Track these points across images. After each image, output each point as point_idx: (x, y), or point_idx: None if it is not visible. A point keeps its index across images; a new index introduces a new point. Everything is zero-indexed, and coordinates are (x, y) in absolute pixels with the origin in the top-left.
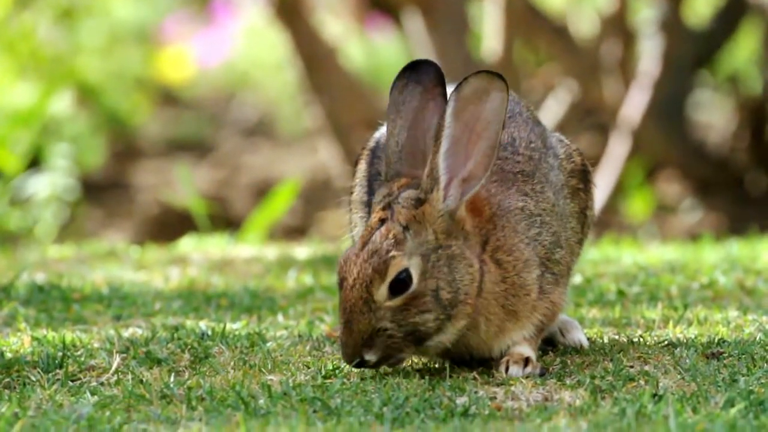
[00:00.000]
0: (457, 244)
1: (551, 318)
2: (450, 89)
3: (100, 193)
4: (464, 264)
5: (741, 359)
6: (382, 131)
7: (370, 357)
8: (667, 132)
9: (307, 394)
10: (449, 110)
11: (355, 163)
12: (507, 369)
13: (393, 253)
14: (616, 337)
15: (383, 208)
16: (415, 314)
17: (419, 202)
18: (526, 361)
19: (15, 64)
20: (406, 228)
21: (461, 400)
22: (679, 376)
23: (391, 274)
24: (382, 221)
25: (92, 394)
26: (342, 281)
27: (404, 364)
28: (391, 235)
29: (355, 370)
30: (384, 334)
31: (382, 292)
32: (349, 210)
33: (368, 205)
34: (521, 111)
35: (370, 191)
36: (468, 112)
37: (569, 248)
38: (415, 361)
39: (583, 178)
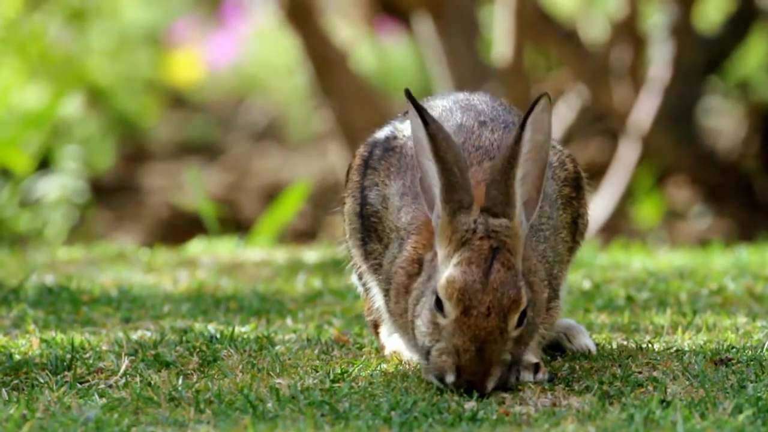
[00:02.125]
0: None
1: (551, 329)
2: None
3: (110, 195)
4: (534, 285)
5: (749, 366)
6: (375, 137)
7: (491, 385)
8: (677, 138)
9: (315, 397)
10: (526, 135)
11: (347, 173)
12: (518, 376)
13: (520, 283)
14: (625, 342)
15: (487, 237)
16: (522, 344)
17: (513, 231)
18: (536, 367)
19: (25, 65)
20: (515, 258)
21: (469, 405)
22: (687, 382)
23: (524, 303)
24: (494, 250)
25: (100, 396)
26: (469, 309)
27: (410, 368)
28: (511, 264)
29: (363, 374)
30: (503, 363)
31: (514, 321)
32: (343, 220)
33: (361, 216)
34: (514, 121)
35: (363, 202)
36: (536, 136)
37: (561, 260)
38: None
39: (576, 185)
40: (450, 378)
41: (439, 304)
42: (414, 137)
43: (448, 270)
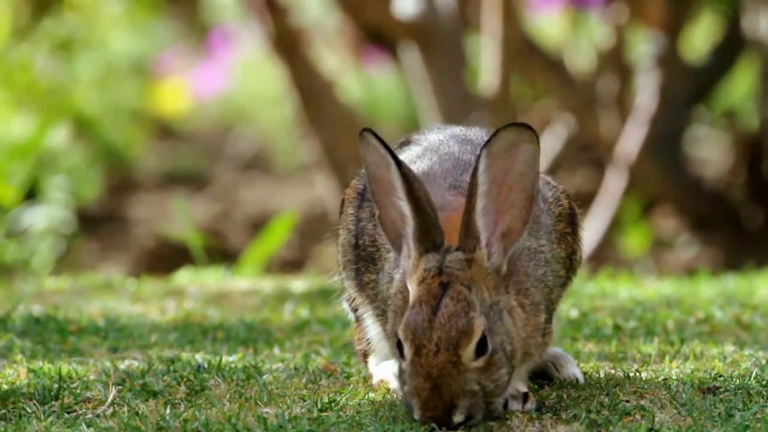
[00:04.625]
0: (504, 297)
1: (544, 354)
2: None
3: (97, 225)
4: (512, 313)
5: (737, 394)
6: None
7: (458, 418)
8: (664, 167)
9: (302, 427)
10: (481, 167)
11: (341, 204)
12: (506, 405)
13: (472, 314)
14: (613, 371)
15: (438, 274)
16: (494, 372)
17: (468, 263)
18: (525, 396)
19: (12, 96)
20: (469, 289)
21: None
22: (675, 411)
23: (477, 334)
24: (444, 285)
25: (88, 426)
26: (419, 348)
27: (398, 397)
28: (461, 297)
29: (350, 403)
30: (470, 394)
31: (469, 353)
32: (337, 252)
33: (356, 247)
34: None
35: (359, 234)
36: (499, 167)
37: (561, 284)
38: None
39: (570, 221)
40: (416, 416)
41: (400, 348)
42: (375, 176)
43: (406, 313)
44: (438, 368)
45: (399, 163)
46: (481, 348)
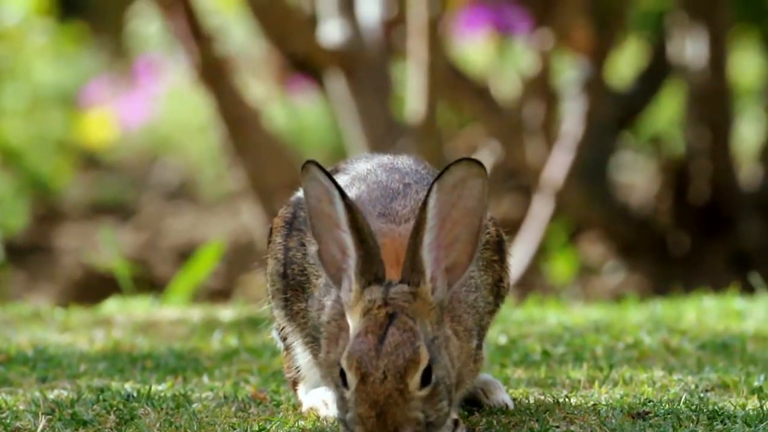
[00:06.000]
0: (444, 330)
1: (473, 383)
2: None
3: (24, 255)
4: (452, 346)
5: (667, 419)
6: (298, 197)
7: None
8: (590, 193)
9: None
10: (431, 201)
11: (269, 233)
12: None
13: (418, 343)
14: (542, 397)
15: (384, 305)
16: (437, 402)
17: (413, 296)
18: (455, 423)
19: None
20: (413, 320)
21: None
22: None
23: (423, 363)
24: (390, 315)
25: None
26: (364, 376)
27: (328, 425)
28: (407, 327)
29: (280, 431)
30: (414, 422)
31: (415, 382)
32: (266, 281)
33: (285, 276)
34: None
35: (288, 263)
36: (446, 202)
37: (491, 310)
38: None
39: (498, 248)
40: None
41: (343, 377)
42: (316, 210)
43: (349, 342)
44: (384, 396)
45: (343, 195)
46: (426, 377)
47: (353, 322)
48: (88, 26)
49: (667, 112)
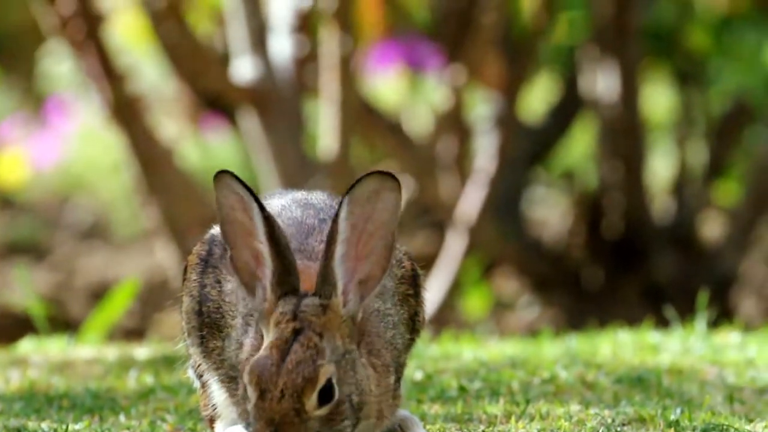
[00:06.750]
0: (356, 348)
1: (394, 417)
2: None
3: None
4: (362, 366)
5: None
6: (212, 234)
7: None
8: (504, 228)
9: None
10: (342, 214)
11: (184, 271)
12: None
13: (320, 361)
14: None
15: (293, 319)
16: (339, 422)
17: (324, 309)
18: None
19: None
20: (320, 336)
21: None
22: None
23: (321, 382)
24: (297, 331)
25: None
26: (263, 392)
27: None
28: (311, 344)
29: None
30: None
31: (312, 401)
32: (181, 319)
33: (200, 314)
34: None
35: (203, 300)
36: (360, 215)
37: (407, 348)
38: None
39: (413, 283)
40: None
41: (245, 388)
42: (229, 218)
43: (255, 356)
44: (280, 414)
45: (261, 207)
46: (325, 396)
47: (265, 331)
48: None
49: (580, 146)
